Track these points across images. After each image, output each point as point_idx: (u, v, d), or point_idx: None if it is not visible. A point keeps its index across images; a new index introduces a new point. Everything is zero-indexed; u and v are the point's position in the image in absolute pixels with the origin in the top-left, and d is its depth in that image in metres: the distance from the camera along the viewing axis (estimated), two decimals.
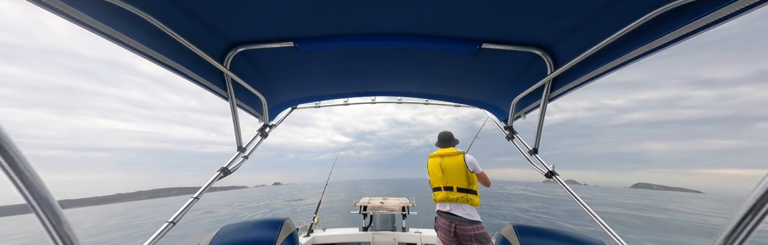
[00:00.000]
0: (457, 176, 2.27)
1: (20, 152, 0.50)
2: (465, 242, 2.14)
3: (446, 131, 2.63)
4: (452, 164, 2.33)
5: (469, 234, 2.10)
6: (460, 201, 2.19)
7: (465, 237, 2.12)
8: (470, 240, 2.10)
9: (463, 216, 2.14)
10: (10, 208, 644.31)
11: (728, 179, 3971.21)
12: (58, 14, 0.82)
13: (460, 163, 2.27)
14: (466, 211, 2.16)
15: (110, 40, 0.99)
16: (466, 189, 2.21)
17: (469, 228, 2.11)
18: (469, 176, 2.24)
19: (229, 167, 1.69)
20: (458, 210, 2.19)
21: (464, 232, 2.12)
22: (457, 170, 2.29)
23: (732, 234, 0.56)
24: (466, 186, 2.23)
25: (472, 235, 2.09)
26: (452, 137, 2.58)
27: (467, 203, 2.18)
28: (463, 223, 2.13)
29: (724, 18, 0.80)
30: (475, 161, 2.31)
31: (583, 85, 1.49)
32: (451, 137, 2.58)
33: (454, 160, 2.33)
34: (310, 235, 3.48)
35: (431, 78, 2.02)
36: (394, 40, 1.36)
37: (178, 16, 1.08)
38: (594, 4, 1.00)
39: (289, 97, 2.33)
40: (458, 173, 2.27)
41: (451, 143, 2.54)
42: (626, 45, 1.10)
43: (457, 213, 2.19)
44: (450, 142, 2.55)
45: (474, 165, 2.29)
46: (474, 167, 2.29)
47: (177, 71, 1.32)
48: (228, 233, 1.50)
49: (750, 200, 0.53)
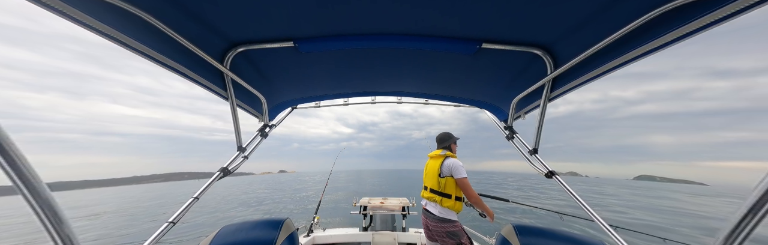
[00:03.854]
0: (431, 179, 2.41)
1: (20, 153, 0.50)
2: (437, 237, 2.29)
3: (444, 132, 2.62)
4: (430, 167, 2.47)
5: (439, 230, 2.26)
6: (432, 200, 2.35)
7: (437, 232, 2.28)
8: (442, 236, 2.25)
9: (435, 214, 2.29)
10: None
11: (735, 171, 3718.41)
12: (59, 14, 0.82)
13: (436, 167, 2.36)
14: (438, 209, 2.29)
15: (110, 40, 0.98)
16: (437, 191, 2.31)
17: (439, 225, 2.26)
18: (439, 179, 2.30)
19: (229, 167, 1.70)
20: (431, 208, 2.36)
21: (435, 228, 2.29)
22: (431, 173, 2.42)
23: (732, 234, 0.56)
24: (437, 188, 2.31)
25: (444, 232, 2.24)
26: (447, 138, 2.57)
27: (438, 203, 2.30)
28: (435, 220, 2.28)
29: (725, 18, 0.80)
30: (455, 167, 2.27)
31: (584, 85, 1.49)
32: (446, 138, 2.58)
33: (434, 163, 2.43)
34: (310, 235, 3.48)
35: (431, 78, 2.02)
36: (394, 40, 1.36)
37: (178, 16, 1.08)
38: (594, 4, 1.00)
39: (289, 97, 2.33)
40: (431, 176, 2.40)
41: (444, 143, 2.56)
42: (626, 45, 1.10)
43: (430, 209, 2.37)
44: (443, 143, 2.57)
45: (450, 170, 2.28)
46: (449, 172, 2.28)
47: (177, 71, 1.31)
48: (228, 233, 1.50)
49: (750, 200, 0.53)
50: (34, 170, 0.52)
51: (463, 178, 2.24)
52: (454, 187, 2.27)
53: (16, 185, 0.50)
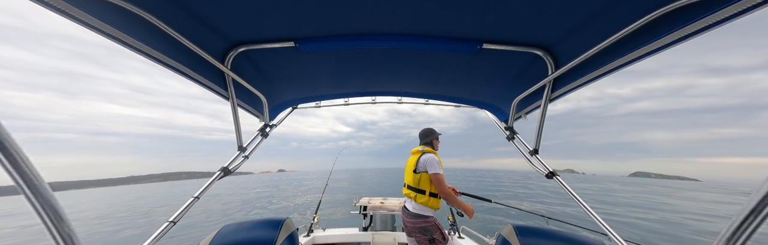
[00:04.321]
0: (408, 175, 2.42)
1: (22, 151, 0.50)
2: (411, 233, 2.33)
3: (426, 128, 2.60)
4: (408, 163, 2.47)
5: (412, 226, 2.29)
6: (408, 196, 2.38)
7: (411, 228, 2.31)
8: (415, 232, 2.28)
9: (410, 210, 2.33)
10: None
11: (728, 167, 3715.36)
12: (59, 13, 0.82)
13: (413, 163, 2.35)
14: (413, 205, 2.32)
15: (111, 39, 0.99)
16: (413, 188, 2.32)
17: (412, 221, 2.28)
18: (414, 175, 2.31)
19: (230, 167, 1.70)
20: (407, 204, 2.41)
21: (409, 224, 2.31)
22: (408, 169, 2.43)
23: (733, 236, 0.56)
24: (413, 185, 2.32)
25: (416, 228, 2.26)
26: (429, 134, 2.55)
27: (413, 199, 2.32)
28: (409, 216, 2.32)
29: (726, 19, 0.80)
30: (430, 162, 2.24)
31: (584, 85, 1.49)
32: (427, 134, 2.56)
33: (412, 159, 2.42)
34: (310, 235, 3.47)
35: (432, 78, 2.02)
36: (395, 41, 1.36)
37: (179, 16, 1.08)
38: (595, 5, 1.00)
39: (289, 97, 2.33)
40: (408, 172, 2.41)
41: (425, 139, 2.54)
42: (627, 46, 1.10)
43: (406, 206, 2.42)
44: (424, 139, 2.55)
45: (424, 166, 2.25)
46: (423, 167, 2.26)
47: (178, 70, 1.32)
48: (228, 233, 1.51)
49: (752, 201, 0.52)
50: (35, 169, 0.52)
51: (435, 173, 2.20)
52: (429, 183, 2.25)
53: (17, 184, 0.50)
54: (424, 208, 2.27)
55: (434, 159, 2.24)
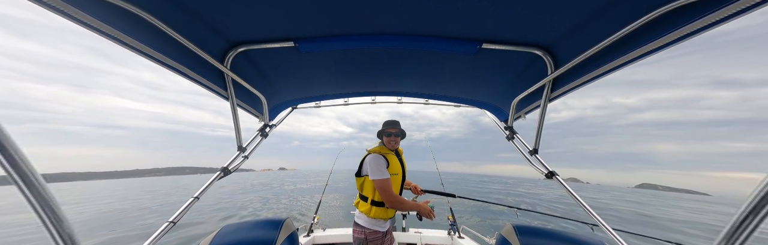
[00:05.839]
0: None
1: (21, 151, 0.50)
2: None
3: (389, 120, 2.20)
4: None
5: (352, 234, 2.11)
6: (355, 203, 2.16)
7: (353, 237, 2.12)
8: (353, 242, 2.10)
9: (355, 217, 2.13)
10: None
11: (738, 182, 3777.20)
12: (59, 14, 0.82)
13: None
14: (356, 212, 2.13)
15: (110, 39, 0.99)
16: (359, 193, 2.11)
17: (353, 229, 2.11)
18: (357, 179, 2.08)
19: (230, 167, 1.70)
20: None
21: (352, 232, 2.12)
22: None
23: (733, 235, 0.56)
24: (358, 189, 2.11)
25: (353, 237, 2.09)
26: (383, 127, 2.14)
27: (355, 206, 2.13)
28: (353, 224, 2.14)
29: (726, 18, 0.80)
30: (369, 164, 1.90)
31: (584, 85, 1.49)
32: (383, 126, 2.13)
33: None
34: (310, 235, 3.47)
35: (431, 78, 2.02)
36: (395, 40, 1.36)
37: (178, 16, 1.08)
38: (595, 4, 1.00)
39: (289, 97, 2.33)
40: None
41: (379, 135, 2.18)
42: (627, 45, 1.10)
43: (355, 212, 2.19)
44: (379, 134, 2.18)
45: (366, 169, 1.93)
46: (365, 170, 1.94)
47: (177, 70, 1.32)
48: (228, 233, 1.51)
49: (752, 200, 0.52)
50: (34, 169, 0.51)
51: (377, 179, 1.83)
52: (372, 189, 1.93)
53: (16, 183, 0.50)
54: (365, 218, 1.99)
55: (375, 161, 1.87)
